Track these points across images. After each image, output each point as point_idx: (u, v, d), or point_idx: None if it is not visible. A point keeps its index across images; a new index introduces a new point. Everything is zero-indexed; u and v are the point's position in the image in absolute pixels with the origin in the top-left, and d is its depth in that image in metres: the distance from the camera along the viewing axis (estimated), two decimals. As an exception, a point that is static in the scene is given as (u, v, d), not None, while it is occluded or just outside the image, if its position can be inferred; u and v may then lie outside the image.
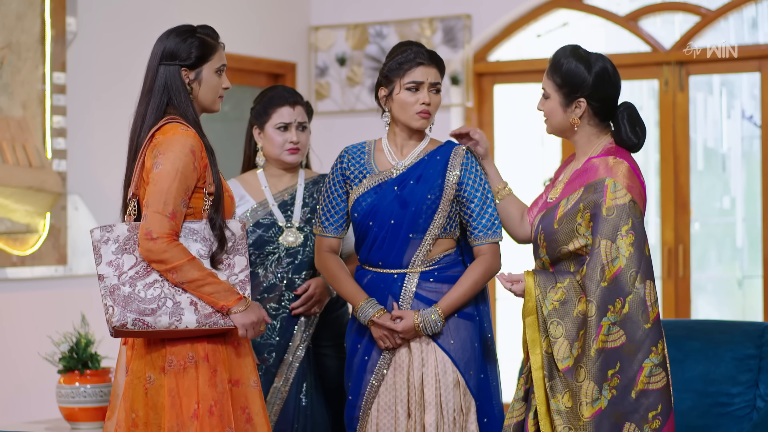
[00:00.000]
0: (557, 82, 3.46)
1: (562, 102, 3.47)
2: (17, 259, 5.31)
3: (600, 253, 3.30)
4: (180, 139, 3.28)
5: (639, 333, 3.29)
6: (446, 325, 3.74)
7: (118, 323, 3.23)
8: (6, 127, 5.26)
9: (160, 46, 3.39)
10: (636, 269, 3.30)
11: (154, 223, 3.23)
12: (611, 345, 3.28)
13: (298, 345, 4.06)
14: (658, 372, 3.32)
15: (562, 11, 6.78)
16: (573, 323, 3.31)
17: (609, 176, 3.36)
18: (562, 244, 3.40)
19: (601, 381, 3.27)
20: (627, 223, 3.32)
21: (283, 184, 4.16)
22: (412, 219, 3.73)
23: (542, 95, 3.52)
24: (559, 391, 3.31)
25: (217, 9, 6.44)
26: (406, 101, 3.74)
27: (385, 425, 3.73)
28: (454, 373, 3.73)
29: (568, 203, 3.41)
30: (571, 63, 3.45)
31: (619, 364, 3.28)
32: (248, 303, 3.31)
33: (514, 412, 3.49)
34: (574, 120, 3.47)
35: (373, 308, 3.73)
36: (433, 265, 3.77)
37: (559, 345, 3.31)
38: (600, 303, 3.28)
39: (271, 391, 4.04)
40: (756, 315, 6.41)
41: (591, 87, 3.44)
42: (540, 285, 3.36)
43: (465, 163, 3.77)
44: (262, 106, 4.14)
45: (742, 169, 6.56)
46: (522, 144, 7.09)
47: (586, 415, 3.27)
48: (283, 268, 4.06)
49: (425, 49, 3.78)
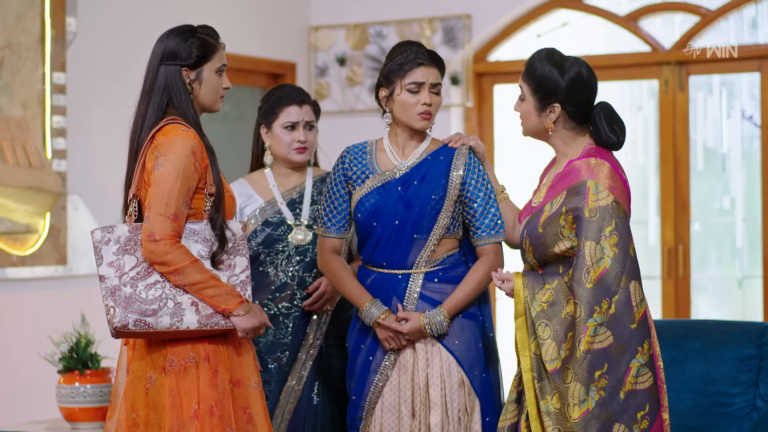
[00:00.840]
0: (531, 86, 3.46)
1: (537, 106, 3.47)
2: (17, 259, 5.31)
3: (585, 255, 3.30)
4: (180, 140, 3.28)
5: (626, 333, 3.29)
6: (451, 325, 3.74)
7: (120, 324, 3.23)
8: (6, 127, 5.26)
9: (161, 46, 3.39)
10: (621, 270, 3.30)
11: (157, 225, 3.23)
12: (598, 346, 3.28)
13: (311, 344, 4.07)
14: (645, 372, 3.31)
15: (562, 11, 6.78)
16: (561, 325, 3.31)
17: (591, 178, 3.35)
18: (548, 248, 3.40)
19: (588, 382, 3.27)
20: (610, 224, 3.31)
21: (291, 182, 4.16)
22: (416, 219, 3.73)
23: (519, 97, 3.52)
24: (548, 393, 3.31)
25: (217, 9, 6.43)
26: (407, 102, 3.73)
27: (389, 425, 3.73)
28: (459, 373, 3.72)
29: (552, 207, 3.41)
30: (545, 68, 3.44)
31: (606, 365, 3.28)
32: (249, 306, 3.31)
33: (508, 414, 3.50)
34: (548, 124, 3.47)
35: (378, 309, 3.72)
36: (437, 265, 3.77)
37: (547, 346, 3.31)
38: (586, 304, 3.28)
39: (285, 390, 4.04)
40: (756, 315, 6.41)
41: (564, 92, 3.43)
42: (528, 287, 3.37)
43: (468, 162, 3.77)
44: (270, 105, 4.13)
45: (742, 169, 6.56)
46: (522, 144, 7.08)
47: (574, 416, 3.27)
48: (293, 266, 4.07)
49: (425, 49, 3.77)
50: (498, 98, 6.97)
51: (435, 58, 3.76)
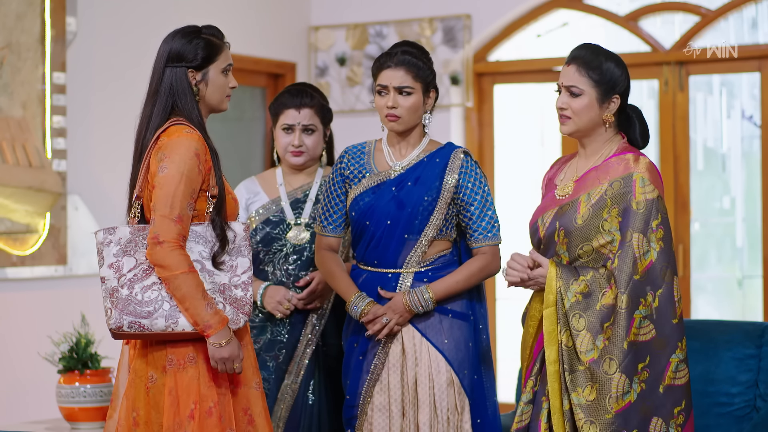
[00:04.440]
0: (594, 78, 3.44)
1: (599, 98, 3.44)
2: (17, 259, 5.31)
3: (633, 246, 3.31)
4: (184, 142, 3.28)
5: (667, 328, 3.31)
6: (440, 324, 3.75)
7: (114, 326, 3.23)
8: (6, 127, 5.26)
9: (166, 48, 3.38)
10: (666, 264, 3.32)
11: (162, 228, 3.23)
12: (642, 338, 3.30)
13: (307, 342, 4.07)
14: (683, 368, 3.34)
15: (562, 11, 6.77)
16: (596, 316, 3.31)
17: (637, 171, 3.37)
18: (586, 241, 3.38)
19: (632, 374, 3.28)
20: (657, 218, 3.34)
21: (298, 181, 4.17)
22: (407, 220, 3.74)
23: (568, 93, 3.46)
24: (581, 385, 3.30)
25: (218, 9, 6.43)
26: (378, 104, 3.80)
27: (380, 425, 3.74)
28: (448, 372, 3.73)
29: (590, 198, 3.40)
30: (606, 60, 3.45)
31: (648, 358, 3.30)
32: (229, 338, 3.26)
33: (523, 416, 3.47)
34: (608, 116, 3.46)
35: (362, 301, 3.74)
36: (428, 265, 3.78)
37: (582, 337, 3.30)
38: (632, 295, 3.29)
39: (282, 388, 4.06)
40: (756, 315, 6.41)
41: (626, 83, 3.46)
42: (562, 277, 3.36)
43: (464, 166, 3.78)
44: (274, 106, 4.17)
45: (742, 169, 6.56)
46: (522, 144, 7.09)
47: (616, 408, 3.26)
48: (290, 265, 4.08)
49: (403, 50, 3.77)
50: (498, 98, 6.97)
51: (405, 61, 3.75)
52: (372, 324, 3.73)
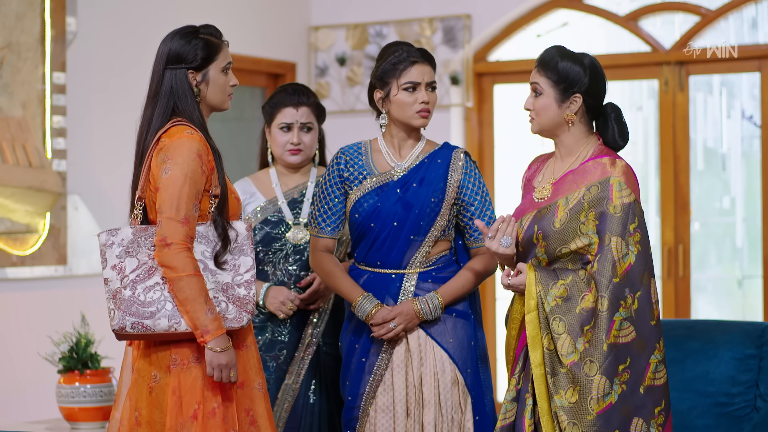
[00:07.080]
0: (552, 78, 3.46)
1: (558, 98, 3.46)
2: (17, 259, 5.31)
3: (611, 249, 3.33)
4: (186, 143, 3.28)
5: (646, 329, 3.34)
6: (445, 324, 3.76)
7: (117, 327, 3.23)
8: (6, 127, 5.26)
9: (164, 49, 3.37)
10: (644, 267, 3.35)
11: (169, 230, 3.23)
12: (623, 340, 3.32)
13: (308, 342, 4.08)
14: (662, 369, 3.37)
15: (562, 11, 6.78)
16: (576, 319, 3.33)
17: (614, 176, 3.39)
18: (563, 244, 3.40)
19: (612, 375, 3.30)
20: (634, 222, 3.36)
21: (293, 181, 4.17)
22: (414, 221, 3.73)
23: (532, 93, 3.50)
24: (563, 387, 3.32)
25: (218, 9, 6.43)
26: (405, 101, 3.74)
27: (383, 426, 3.73)
28: (453, 371, 3.74)
29: (568, 202, 3.42)
30: (564, 59, 3.45)
31: (629, 360, 3.32)
32: (227, 345, 3.26)
33: (507, 414, 3.49)
34: (569, 116, 3.47)
35: (370, 303, 3.73)
36: (431, 265, 3.78)
37: (563, 341, 3.33)
38: (612, 298, 3.31)
39: (282, 388, 4.06)
40: (756, 315, 6.42)
41: (587, 81, 3.44)
42: (541, 282, 3.38)
43: (465, 167, 3.79)
44: (269, 105, 4.16)
45: (742, 169, 6.56)
46: (522, 144, 7.09)
47: (596, 409, 3.28)
48: (291, 265, 4.08)
49: (415, 47, 3.78)
50: (498, 98, 6.97)
51: (426, 56, 3.77)
52: (379, 327, 3.73)
